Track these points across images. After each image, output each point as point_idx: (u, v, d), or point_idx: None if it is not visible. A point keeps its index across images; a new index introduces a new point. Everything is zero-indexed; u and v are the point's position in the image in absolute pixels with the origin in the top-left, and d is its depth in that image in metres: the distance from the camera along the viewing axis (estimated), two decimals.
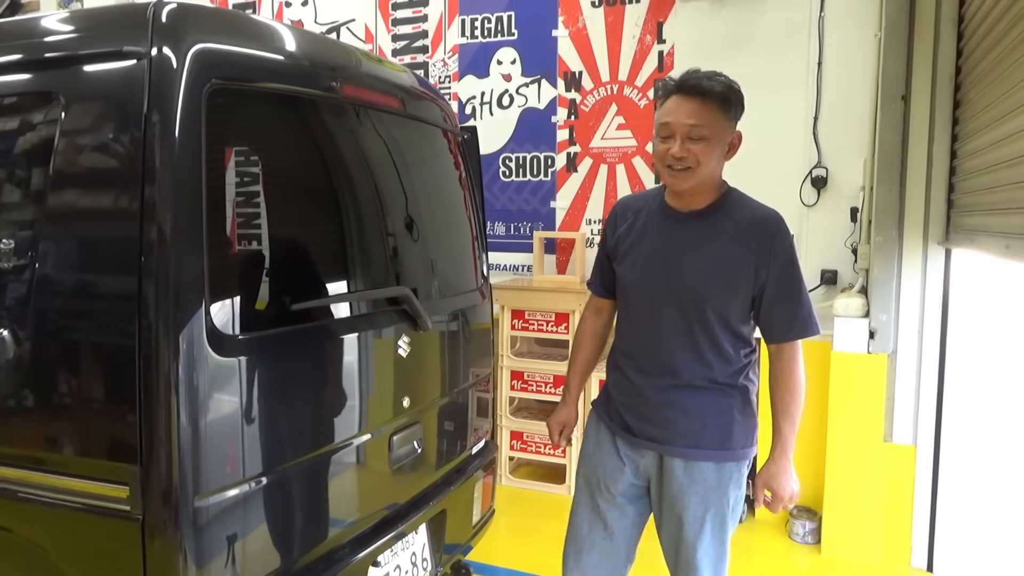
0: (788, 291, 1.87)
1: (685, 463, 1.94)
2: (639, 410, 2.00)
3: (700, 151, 1.83)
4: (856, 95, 3.71)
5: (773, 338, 1.94)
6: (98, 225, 1.65)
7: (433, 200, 2.64)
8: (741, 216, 1.91)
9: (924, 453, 3.37)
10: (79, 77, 1.70)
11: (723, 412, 1.94)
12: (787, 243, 1.89)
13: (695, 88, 1.83)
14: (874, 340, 3.39)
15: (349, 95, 2.10)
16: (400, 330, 2.17)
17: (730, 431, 1.94)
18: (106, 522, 1.57)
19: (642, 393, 1.99)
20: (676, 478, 1.96)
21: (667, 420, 1.95)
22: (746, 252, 1.86)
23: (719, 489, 1.95)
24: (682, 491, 1.96)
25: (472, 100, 4.69)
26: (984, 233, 2.64)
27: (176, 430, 1.52)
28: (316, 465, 1.88)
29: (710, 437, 1.93)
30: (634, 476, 2.05)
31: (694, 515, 1.96)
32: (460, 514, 2.58)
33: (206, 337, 1.58)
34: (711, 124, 1.83)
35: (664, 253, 1.94)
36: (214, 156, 1.67)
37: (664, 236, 1.96)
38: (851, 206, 3.76)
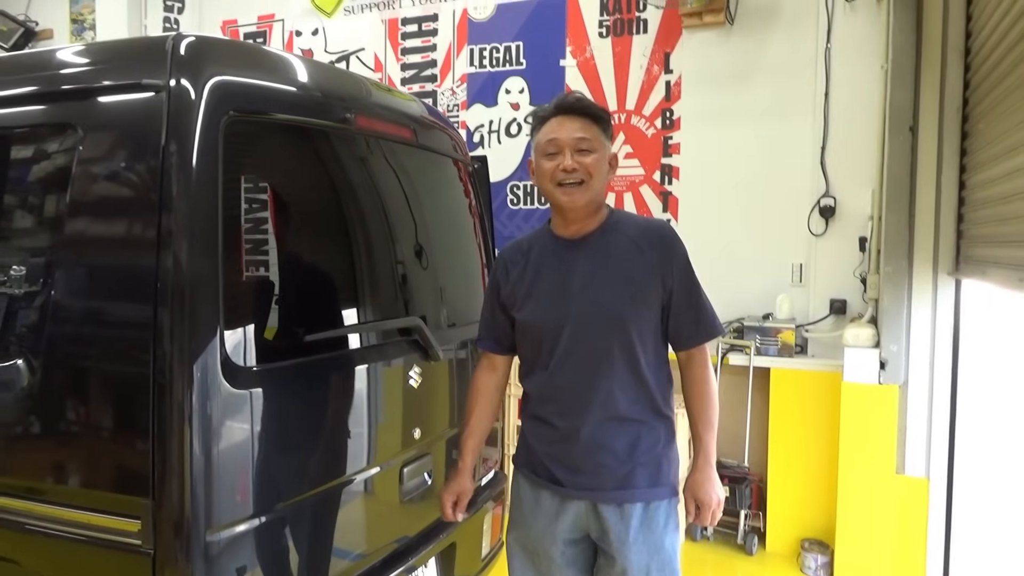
0: (691, 295, 1.86)
1: (619, 508, 1.83)
2: (566, 459, 1.87)
3: (590, 163, 1.82)
4: (863, 125, 3.73)
5: (682, 345, 1.89)
6: (114, 254, 1.66)
7: (443, 228, 2.64)
8: (632, 231, 1.88)
9: (937, 486, 3.33)
10: (98, 108, 1.72)
11: (652, 447, 1.85)
12: (682, 249, 1.88)
13: (575, 108, 1.85)
14: (885, 371, 3.37)
15: (363, 126, 2.12)
16: (411, 360, 2.16)
17: (659, 465, 1.86)
18: (116, 556, 1.55)
19: (569, 438, 1.85)
20: (612, 528, 1.84)
21: (597, 465, 1.83)
22: (646, 263, 1.83)
23: (657, 530, 1.85)
24: (621, 542, 1.83)
25: (480, 128, 4.73)
26: (996, 265, 2.63)
27: (189, 463, 1.51)
28: (327, 498, 1.86)
29: (641, 475, 1.83)
30: (571, 530, 1.89)
31: (637, 565, 1.83)
32: (470, 546, 2.55)
33: (220, 368, 1.57)
34: (595, 139, 1.84)
35: (567, 284, 1.86)
36: (230, 186, 1.68)
37: (562, 267, 1.88)
38: (860, 235, 3.76)
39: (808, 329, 3.90)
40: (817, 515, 3.67)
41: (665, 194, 4.29)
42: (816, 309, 3.92)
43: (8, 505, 1.66)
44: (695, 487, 1.88)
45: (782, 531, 3.77)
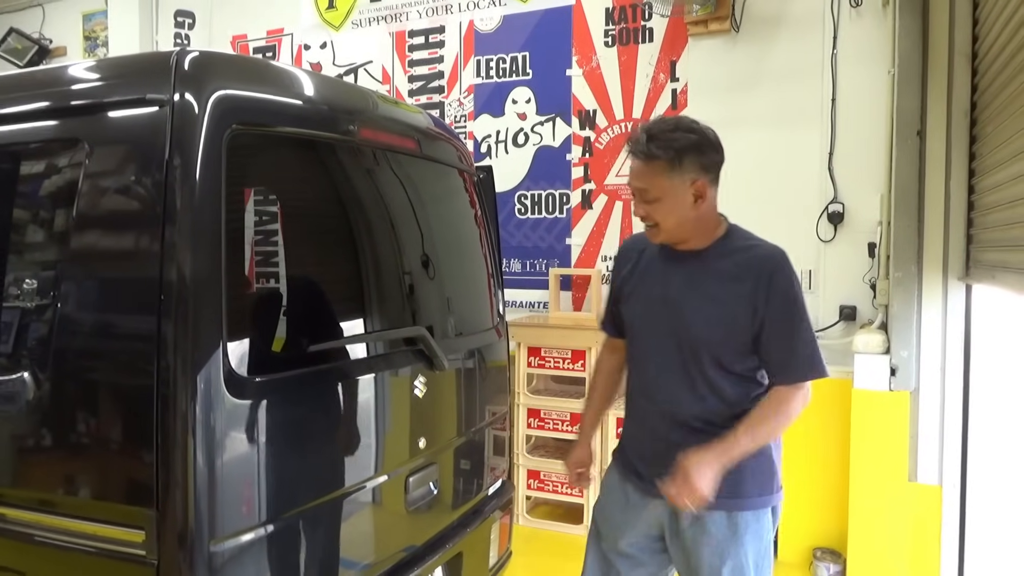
0: (784, 331, 1.78)
1: (694, 513, 1.82)
2: (646, 454, 1.95)
3: (656, 211, 1.83)
4: (871, 131, 3.71)
5: (771, 379, 1.85)
6: (119, 267, 1.68)
7: (449, 239, 2.65)
8: (740, 255, 1.85)
9: (950, 493, 3.29)
10: (104, 123, 1.74)
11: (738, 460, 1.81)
12: (786, 281, 1.80)
13: (637, 153, 1.82)
14: (895, 377, 3.34)
15: (367, 138, 2.13)
16: (416, 370, 2.17)
17: (741, 478, 1.82)
18: (121, 567, 1.56)
19: (648, 435, 1.95)
20: (686, 529, 1.88)
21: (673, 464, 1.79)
22: (742, 291, 1.80)
23: (734, 540, 1.85)
24: (695, 543, 1.87)
25: (488, 139, 4.74)
26: (1006, 269, 2.61)
27: (193, 473, 1.52)
28: (332, 508, 1.87)
29: (722, 488, 1.78)
30: (648, 527, 1.96)
31: (709, 567, 1.86)
32: (477, 556, 2.54)
33: (223, 380, 1.58)
34: (656, 184, 1.80)
35: (662, 294, 1.91)
36: (234, 199, 1.70)
37: (663, 276, 1.93)
38: (869, 241, 3.74)
39: (818, 336, 3.86)
40: (829, 523, 3.63)
41: None
42: (826, 316, 3.89)
43: (14, 516, 1.68)
44: (689, 455, 1.76)
45: (794, 540, 3.73)
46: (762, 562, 1.88)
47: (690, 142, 1.80)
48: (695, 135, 1.82)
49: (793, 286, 1.80)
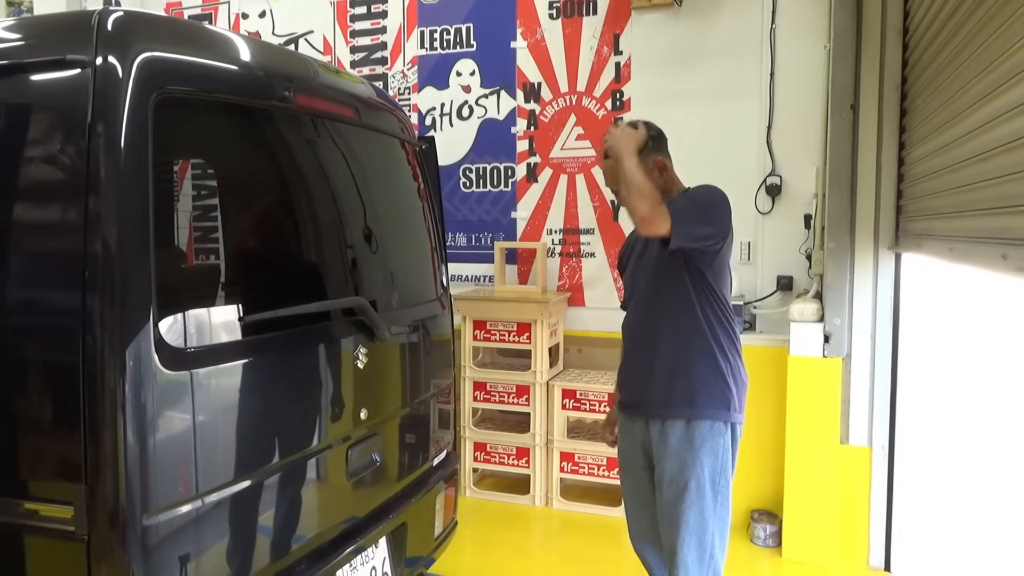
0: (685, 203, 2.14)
1: (661, 424, 2.20)
2: (628, 384, 2.35)
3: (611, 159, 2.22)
4: (808, 104, 3.80)
5: None
6: (40, 238, 1.60)
7: (391, 211, 2.62)
8: None
9: (879, 454, 3.44)
10: (21, 86, 1.66)
11: (690, 377, 2.17)
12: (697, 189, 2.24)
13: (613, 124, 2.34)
14: (829, 344, 3.45)
15: (303, 105, 2.08)
16: (357, 341, 2.15)
17: (695, 390, 2.16)
18: (50, 543, 1.52)
19: (629, 366, 2.36)
20: (655, 442, 2.21)
21: (643, 386, 2.26)
22: None
23: (691, 451, 2.13)
24: (660, 454, 2.19)
25: (432, 111, 4.69)
26: (930, 237, 2.71)
27: (123, 446, 1.48)
28: (270, 479, 1.85)
29: (679, 397, 2.17)
30: (640, 453, 2.31)
31: (670, 476, 2.15)
32: (421, 527, 2.55)
33: (154, 351, 1.54)
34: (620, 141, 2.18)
35: (643, 255, 2.33)
36: (162, 167, 1.64)
37: (640, 247, 2.38)
38: (805, 213, 3.84)
39: (756, 306, 3.97)
40: (766, 487, 3.76)
41: None
42: (764, 286, 3.99)
43: None
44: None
45: (733, 503, 3.84)
46: (719, 479, 2.12)
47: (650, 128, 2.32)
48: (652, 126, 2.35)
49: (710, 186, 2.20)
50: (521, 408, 4.16)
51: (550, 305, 4.09)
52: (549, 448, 4.10)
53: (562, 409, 4.08)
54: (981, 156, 2.06)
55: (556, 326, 4.27)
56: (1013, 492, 3.47)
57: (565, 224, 4.43)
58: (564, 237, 4.44)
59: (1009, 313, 3.16)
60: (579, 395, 4.04)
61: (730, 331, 2.24)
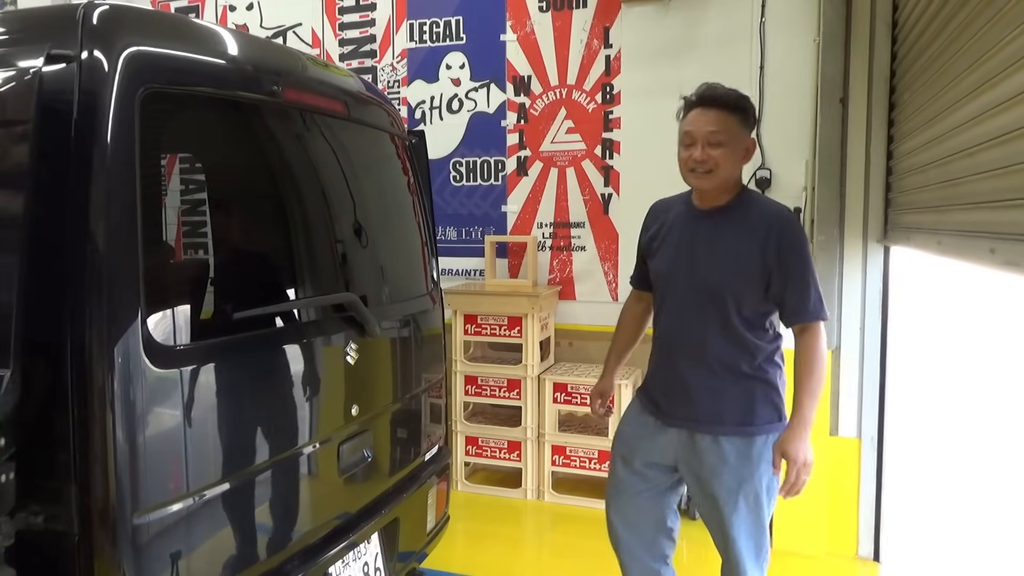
0: (794, 280, 2.06)
1: (713, 439, 2.11)
2: (666, 389, 2.22)
3: (720, 155, 2.05)
4: (797, 98, 3.80)
5: (788, 322, 2.14)
6: (25, 235, 1.58)
7: (381, 205, 2.61)
8: (754, 211, 2.12)
9: (868, 446, 3.46)
10: (4, 81, 1.64)
11: (744, 393, 2.12)
12: (794, 233, 2.10)
13: (713, 99, 2.08)
14: None
15: (291, 99, 2.07)
16: (348, 337, 2.14)
17: (752, 408, 2.12)
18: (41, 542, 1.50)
19: (670, 372, 2.21)
20: (706, 456, 2.13)
21: (691, 399, 2.14)
22: (756, 244, 2.06)
23: (749, 464, 2.10)
24: (713, 469, 2.12)
25: (422, 105, 4.67)
26: (919, 230, 2.73)
27: (112, 445, 1.47)
28: (261, 477, 1.84)
29: (732, 413, 2.11)
30: (661, 454, 2.23)
31: (728, 490, 2.11)
32: (414, 522, 2.55)
33: (143, 349, 1.53)
34: (728, 131, 2.06)
35: (688, 246, 2.17)
36: (149, 162, 1.62)
37: (688, 231, 2.18)
38: (795, 206, 3.84)
39: None
40: None
41: (607, 168, 4.32)
42: None
43: None
44: (784, 443, 2.07)
45: None
46: (772, 487, 2.16)
47: (749, 99, 2.14)
48: (748, 98, 2.15)
49: (800, 239, 2.10)
50: (512, 402, 4.16)
51: (541, 299, 4.09)
52: (541, 442, 4.11)
53: (553, 403, 4.08)
54: (969, 150, 2.07)
55: (547, 320, 4.27)
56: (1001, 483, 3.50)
57: (556, 218, 4.43)
58: (555, 231, 4.44)
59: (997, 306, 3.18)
60: (570, 389, 4.04)
61: (779, 337, 2.20)
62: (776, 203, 2.22)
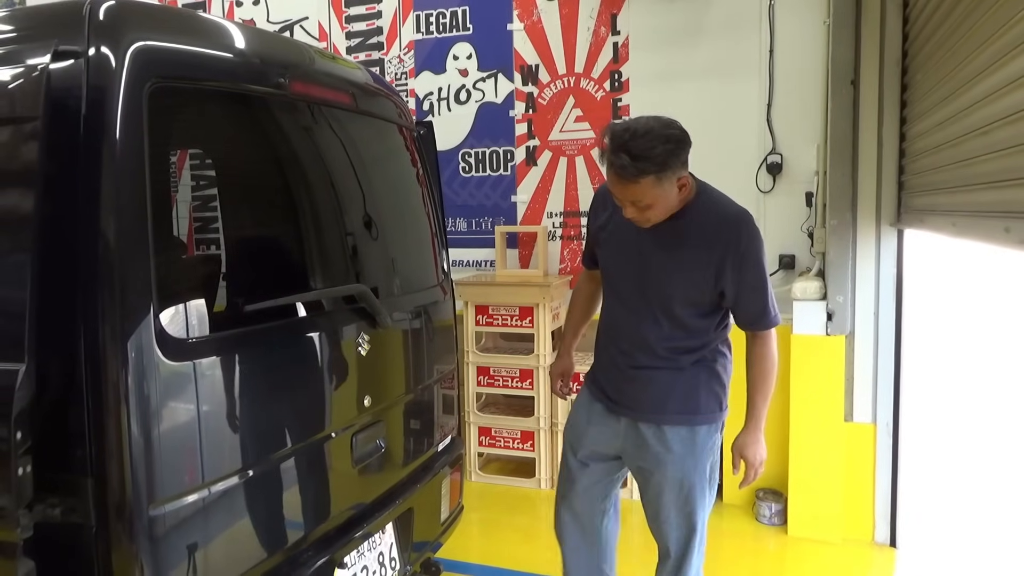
0: (752, 289, 2.00)
1: (657, 428, 2.11)
2: (615, 382, 2.20)
3: (650, 212, 1.95)
4: (808, 81, 3.77)
5: (743, 327, 2.11)
6: (37, 232, 1.59)
7: (391, 197, 2.61)
8: (708, 218, 2.00)
9: (883, 431, 3.44)
10: (13, 78, 1.64)
11: (689, 382, 2.11)
12: (751, 243, 1.98)
13: (624, 174, 1.86)
14: (832, 322, 3.44)
15: (299, 92, 2.07)
16: (359, 328, 2.15)
17: (696, 397, 2.11)
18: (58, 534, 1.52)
19: (617, 368, 2.18)
20: (650, 446, 2.13)
21: (636, 389, 2.14)
22: (710, 254, 1.97)
23: (693, 454, 2.11)
24: (657, 459, 2.12)
25: (429, 96, 4.66)
26: (932, 213, 2.70)
27: (127, 437, 1.48)
28: (275, 468, 1.85)
29: (677, 402, 2.10)
30: (607, 443, 2.22)
31: (671, 481, 2.12)
32: (428, 512, 2.56)
33: (155, 342, 1.54)
34: (649, 196, 1.90)
35: (635, 250, 2.08)
36: (158, 157, 1.63)
37: (634, 231, 2.05)
38: (806, 191, 3.82)
39: None
40: (771, 466, 3.71)
41: None
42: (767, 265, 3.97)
43: None
44: (742, 446, 2.13)
45: (738, 482, 3.85)
46: (714, 474, 2.18)
47: (669, 151, 1.87)
48: (672, 143, 1.88)
49: (757, 246, 1.99)
50: (525, 392, 4.16)
51: (552, 288, 4.08)
52: (553, 431, 4.11)
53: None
54: (982, 129, 2.05)
55: (558, 309, 4.26)
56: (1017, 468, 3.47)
57: (565, 207, 4.42)
58: (565, 220, 4.43)
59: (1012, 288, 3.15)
60: (583, 378, 4.03)
61: (727, 327, 2.16)
62: (733, 206, 2.06)
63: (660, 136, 1.86)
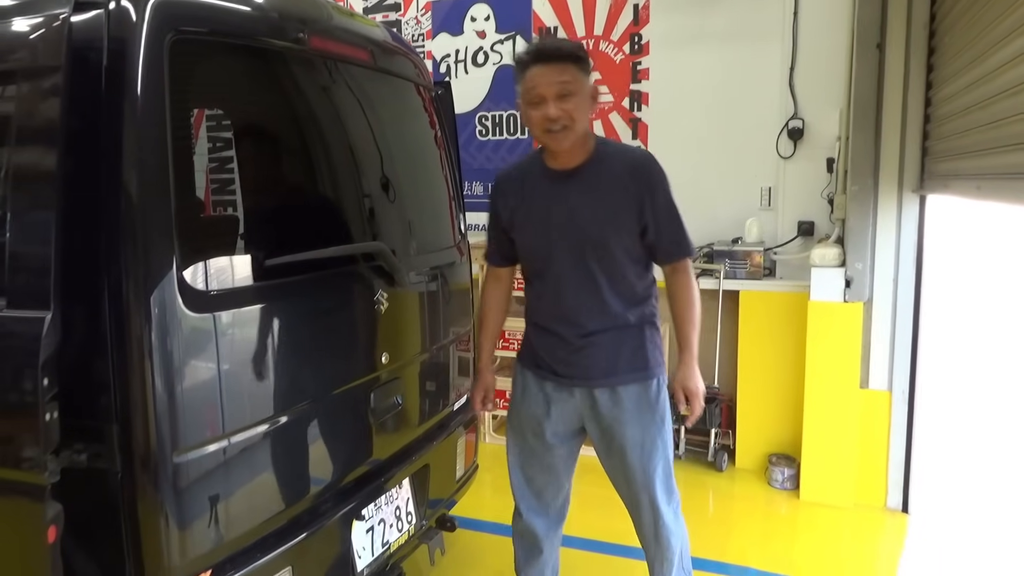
0: (670, 223, 2.10)
1: (611, 391, 2.14)
2: (561, 356, 2.18)
3: (572, 108, 1.99)
4: (832, 45, 3.70)
5: (664, 262, 2.17)
6: (59, 185, 1.60)
7: (409, 158, 2.61)
8: (617, 164, 2.09)
9: (899, 398, 3.43)
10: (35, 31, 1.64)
11: (636, 340, 2.16)
12: (662, 179, 2.09)
13: (553, 53, 1.99)
14: (850, 289, 3.42)
15: (317, 47, 2.06)
16: (378, 286, 2.16)
17: (644, 353, 2.16)
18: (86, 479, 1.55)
19: (562, 342, 2.16)
20: (607, 410, 2.15)
21: (587, 359, 2.14)
22: (627, 194, 2.06)
23: (649, 409, 2.16)
24: (616, 421, 2.16)
25: (447, 58, 4.63)
26: (957, 177, 2.66)
27: (151, 387, 1.51)
28: (295, 420, 1.88)
29: (627, 362, 2.14)
30: (568, 417, 2.22)
31: (633, 441, 2.16)
32: (443, 469, 2.60)
33: (178, 294, 1.56)
34: (575, 80, 1.99)
35: (556, 212, 2.10)
36: (179, 110, 1.63)
37: (551, 196, 2.11)
38: (827, 157, 3.77)
39: (776, 252, 3.94)
40: (784, 431, 3.78)
41: (635, 120, 4.26)
42: (784, 232, 3.95)
43: None
44: (683, 379, 2.17)
45: (751, 448, 3.89)
46: (669, 423, 2.23)
47: (579, 47, 2.06)
48: (583, 50, 2.06)
49: (666, 180, 2.10)
50: None
51: None
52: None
53: None
54: (1011, 91, 2.01)
55: None
56: None
57: None
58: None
59: None
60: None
61: (654, 279, 2.22)
62: (634, 148, 2.29)
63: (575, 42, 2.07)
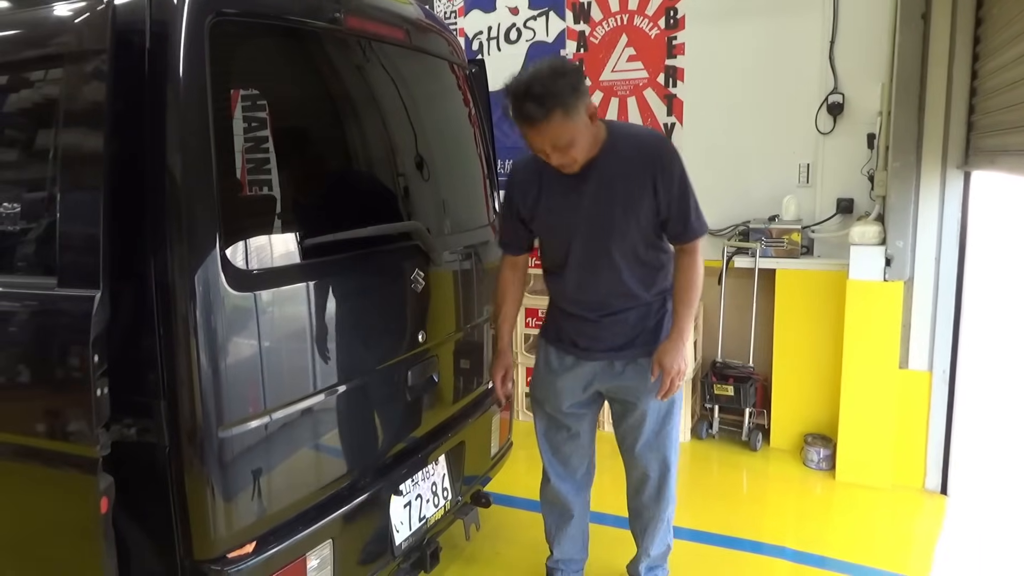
0: (682, 204, 2.13)
1: (633, 364, 2.25)
2: (584, 331, 2.27)
3: (574, 150, 2.01)
4: (874, 16, 3.60)
5: (675, 241, 2.22)
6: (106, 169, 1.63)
7: (443, 136, 2.62)
8: (629, 149, 2.11)
9: (939, 379, 3.37)
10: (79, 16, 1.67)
11: (654, 315, 2.26)
12: (672, 159, 2.12)
13: (535, 116, 1.92)
14: (890, 268, 3.36)
15: (354, 27, 2.07)
16: (413, 264, 2.18)
17: (661, 326, 2.26)
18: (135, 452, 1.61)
19: (585, 319, 2.25)
20: (627, 379, 2.26)
21: (609, 333, 2.24)
22: (644, 177, 2.09)
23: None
24: (637, 392, 2.27)
25: (479, 35, 4.60)
26: (1005, 153, 2.58)
27: (196, 363, 1.55)
28: (335, 397, 1.92)
29: (646, 335, 2.24)
30: (584, 386, 2.32)
31: (655, 410, 2.28)
32: (478, 446, 2.63)
33: (221, 273, 1.59)
34: (565, 128, 1.95)
35: (575, 202, 2.14)
36: (220, 91, 1.66)
37: (570, 189, 2.14)
38: (868, 132, 3.69)
39: (814, 230, 3.88)
40: (820, 411, 3.74)
41: (670, 97, 4.20)
42: (823, 209, 3.88)
43: None
44: (661, 353, 2.20)
45: (786, 427, 3.86)
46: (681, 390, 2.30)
47: (567, 84, 1.93)
48: (567, 76, 1.95)
49: (680, 162, 2.13)
50: None
51: None
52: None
53: None
54: None
55: None
56: None
57: None
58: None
59: None
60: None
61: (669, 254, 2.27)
62: (645, 130, 2.35)
63: (553, 74, 1.93)
